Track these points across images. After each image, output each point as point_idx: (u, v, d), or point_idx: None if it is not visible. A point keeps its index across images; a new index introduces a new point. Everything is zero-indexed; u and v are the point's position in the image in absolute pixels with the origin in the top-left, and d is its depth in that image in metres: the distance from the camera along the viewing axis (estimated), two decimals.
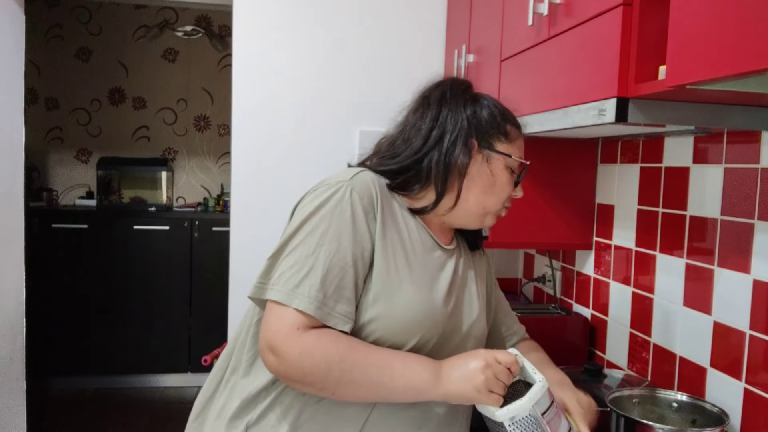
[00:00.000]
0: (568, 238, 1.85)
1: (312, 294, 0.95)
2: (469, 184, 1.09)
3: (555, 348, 1.79)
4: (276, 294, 0.96)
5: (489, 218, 1.14)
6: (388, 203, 1.06)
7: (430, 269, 1.08)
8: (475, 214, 1.12)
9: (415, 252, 1.06)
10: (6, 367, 2.60)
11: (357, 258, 0.99)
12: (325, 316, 0.95)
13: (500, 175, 1.10)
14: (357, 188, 1.02)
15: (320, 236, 0.98)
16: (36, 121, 4.19)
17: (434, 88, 1.14)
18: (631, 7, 1.06)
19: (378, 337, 0.99)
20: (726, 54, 0.79)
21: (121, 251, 3.82)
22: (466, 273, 1.17)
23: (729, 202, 1.30)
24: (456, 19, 2.20)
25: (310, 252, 0.98)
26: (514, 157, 1.11)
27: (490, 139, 1.10)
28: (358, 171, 1.07)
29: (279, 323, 0.95)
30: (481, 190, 1.10)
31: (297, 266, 0.97)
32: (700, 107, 1.10)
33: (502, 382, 0.94)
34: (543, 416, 0.92)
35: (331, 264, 0.97)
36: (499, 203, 1.12)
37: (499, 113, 1.12)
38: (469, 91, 1.14)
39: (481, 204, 1.10)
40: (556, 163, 1.81)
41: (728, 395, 1.27)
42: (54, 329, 3.75)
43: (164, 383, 3.94)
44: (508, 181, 1.11)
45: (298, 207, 1.07)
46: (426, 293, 1.03)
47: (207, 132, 4.47)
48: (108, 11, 4.29)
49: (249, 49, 2.26)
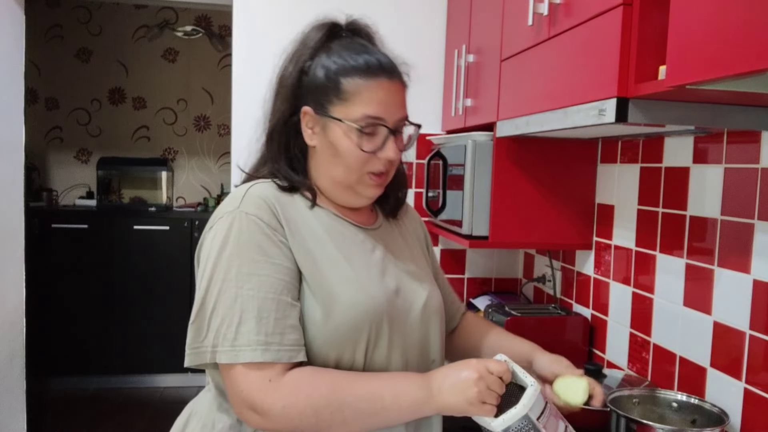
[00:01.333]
0: (568, 238, 1.84)
1: (252, 340, 0.89)
2: (316, 156, 1.01)
3: (555, 348, 1.78)
4: (220, 356, 0.90)
5: (361, 189, 1.02)
6: (289, 208, 0.99)
7: (358, 258, 1.00)
8: (338, 189, 1.02)
9: (338, 247, 0.99)
10: (6, 367, 2.60)
11: (284, 282, 0.93)
12: (276, 355, 0.89)
13: (340, 142, 0.98)
14: (251, 210, 0.95)
15: (236, 277, 0.91)
16: (36, 121, 4.19)
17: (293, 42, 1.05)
18: (631, 7, 1.06)
19: (328, 348, 0.94)
20: (726, 54, 0.79)
21: (121, 251, 3.82)
22: (400, 247, 1.11)
23: (729, 202, 1.30)
24: (456, 19, 2.20)
25: (233, 299, 0.90)
26: (348, 120, 0.97)
27: (325, 103, 0.99)
28: (245, 189, 0.99)
29: (247, 383, 0.89)
30: (328, 161, 1.01)
31: (228, 319, 0.90)
32: (700, 107, 1.10)
33: (494, 392, 0.91)
34: (538, 420, 0.92)
35: (260, 301, 0.90)
36: (353, 173, 1.00)
37: (335, 68, 0.98)
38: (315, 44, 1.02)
39: (333, 177, 1.01)
40: (556, 163, 1.81)
41: (728, 395, 1.27)
42: (54, 329, 3.75)
43: (164, 383, 3.94)
44: (353, 147, 0.98)
45: (201, 254, 0.99)
46: (359, 288, 0.97)
47: (207, 132, 4.47)
48: (108, 11, 4.29)
49: (249, 49, 2.26)
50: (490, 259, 2.40)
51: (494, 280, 2.41)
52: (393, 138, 1.00)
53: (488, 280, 2.40)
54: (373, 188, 1.03)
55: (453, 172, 1.91)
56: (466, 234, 1.82)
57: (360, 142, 0.98)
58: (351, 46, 1.02)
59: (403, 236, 1.15)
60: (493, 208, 1.79)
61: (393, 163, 1.03)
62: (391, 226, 1.14)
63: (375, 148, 0.99)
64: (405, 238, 1.15)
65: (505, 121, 1.64)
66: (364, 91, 0.97)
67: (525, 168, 1.80)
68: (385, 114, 0.98)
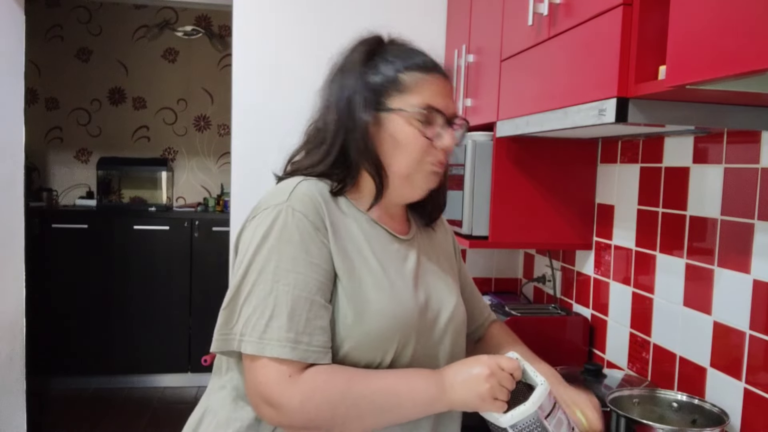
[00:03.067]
0: (568, 238, 1.84)
1: (282, 336, 0.89)
2: (380, 152, 1.01)
3: (555, 348, 1.79)
4: (246, 345, 0.90)
5: (418, 179, 1.03)
6: (334, 210, 0.99)
7: (392, 267, 1.01)
8: (397, 182, 1.02)
9: (375, 254, 1.00)
10: (6, 367, 2.60)
11: (320, 283, 0.93)
12: (303, 354, 0.89)
13: (401, 132, 1.00)
14: (298, 206, 0.95)
15: (274, 271, 0.91)
16: (36, 121, 4.18)
17: (340, 58, 1.06)
18: (631, 7, 1.06)
19: (356, 355, 0.94)
20: (726, 54, 0.79)
21: (121, 251, 3.82)
22: (431, 259, 1.11)
23: (729, 202, 1.30)
24: (456, 19, 2.20)
25: (267, 291, 0.91)
26: (408, 108, 0.99)
27: (382, 99, 1.00)
28: (294, 184, 0.98)
29: (267, 376, 0.89)
30: (389, 154, 1.01)
31: (259, 310, 0.90)
32: (700, 107, 1.10)
33: (505, 388, 0.92)
34: (546, 419, 0.92)
35: (294, 298, 0.90)
36: (413, 162, 1.01)
37: (391, 66, 1.01)
38: (366, 53, 1.03)
39: (394, 170, 1.01)
40: (556, 163, 1.81)
41: (728, 395, 1.27)
42: (54, 329, 3.75)
43: (164, 383, 3.93)
44: (415, 136, 1.00)
45: (241, 241, 1.00)
46: (392, 296, 0.97)
47: (207, 132, 4.47)
48: (108, 11, 4.29)
49: (249, 49, 2.26)
50: (490, 259, 2.40)
51: (494, 280, 2.41)
52: (451, 131, 1.03)
53: (488, 280, 2.40)
54: (432, 177, 1.04)
55: (453, 172, 1.91)
56: (466, 234, 1.82)
57: (422, 128, 1.00)
58: (405, 48, 1.06)
59: (434, 248, 1.14)
60: (493, 208, 1.79)
61: (447, 155, 1.05)
62: (423, 237, 1.13)
63: (433, 137, 1.01)
64: (436, 250, 1.15)
65: (505, 121, 1.64)
66: (423, 83, 1.01)
67: (525, 168, 1.80)
68: (442, 106, 1.01)
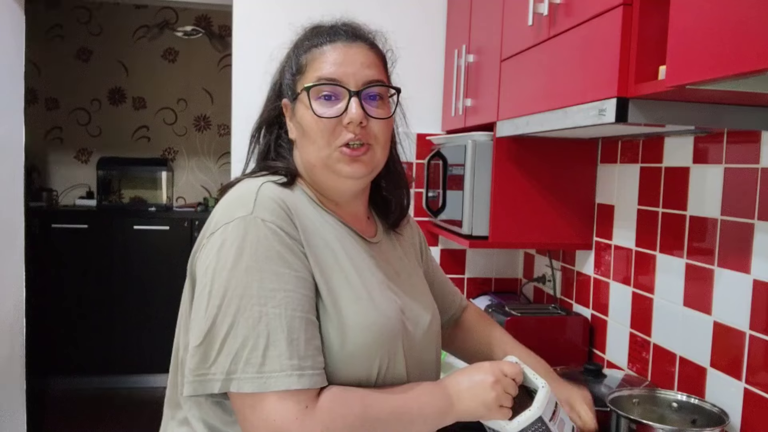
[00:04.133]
0: (568, 238, 1.84)
1: (285, 365, 0.79)
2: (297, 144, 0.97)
3: (555, 348, 1.79)
4: (243, 384, 0.79)
5: (338, 167, 0.92)
6: (302, 212, 0.91)
7: (367, 273, 0.94)
8: (318, 172, 0.94)
9: (350, 259, 0.93)
10: (6, 367, 2.59)
11: (309, 298, 0.85)
12: (311, 381, 0.81)
13: (302, 117, 0.93)
14: (267, 216, 0.85)
15: (258, 294, 0.81)
16: (36, 121, 4.18)
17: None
18: (631, 7, 1.06)
19: (342, 373, 0.87)
20: (726, 54, 0.79)
21: (121, 251, 3.82)
22: (401, 261, 1.06)
23: (729, 202, 1.30)
24: (456, 19, 2.20)
25: (256, 318, 0.80)
26: (300, 89, 0.93)
27: (293, 87, 0.96)
28: (255, 190, 0.88)
29: (282, 412, 0.79)
30: (300, 145, 0.95)
31: (251, 342, 0.79)
32: (700, 107, 1.10)
33: (510, 395, 0.91)
34: (551, 421, 0.92)
35: (288, 320, 0.81)
36: (321, 148, 0.91)
37: (293, 52, 0.98)
38: (295, 39, 1.01)
39: (307, 160, 0.94)
40: (556, 163, 1.81)
41: (728, 395, 1.27)
42: (54, 329, 3.75)
43: (163, 383, 3.90)
44: (312, 118, 0.91)
45: (200, 264, 0.87)
46: (373, 307, 0.91)
47: (207, 132, 4.47)
48: (108, 11, 4.29)
49: (249, 49, 2.26)
50: (490, 259, 2.40)
51: (494, 280, 2.41)
52: (357, 100, 0.90)
53: (488, 280, 2.40)
54: (348, 164, 0.91)
55: (453, 172, 1.91)
56: (466, 234, 1.82)
57: (316, 107, 0.90)
58: (321, 29, 0.98)
59: (402, 248, 1.10)
60: (493, 208, 1.79)
61: (368, 131, 0.91)
62: (389, 238, 1.08)
63: (336, 113, 0.90)
64: (404, 249, 1.11)
65: (505, 121, 1.64)
66: (317, 57, 0.93)
67: (525, 168, 1.80)
68: (341, 75, 0.90)
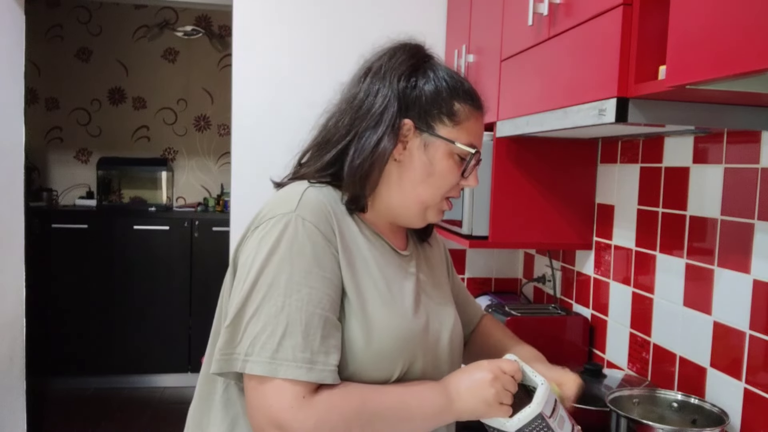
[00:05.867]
0: (568, 238, 1.84)
1: (297, 356, 0.83)
2: (401, 172, 0.96)
3: (555, 348, 1.79)
4: (254, 366, 0.83)
5: (431, 213, 1.00)
6: (342, 220, 0.94)
7: (396, 284, 0.97)
8: (414, 209, 0.98)
9: (380, 269, 0.96)
10: (6, 367, 2.60)
11: (332, 299, 0.88)
12: (319, 376, 0.84)
13: (440, 163, 0.96)
14: (308, 216, 0.89)
15: (285, 285, 0.85)
16: (36, 121, 4.19)
17: (376, 58, 0.99)
18: (631, 7, 1.06)
19: (362, 375, 0.90)
20: (726, 54, 0.79)
21: (121, 251, 3.82)
22: (429, 275, 1.08)
23: (729, 202, 1.30)
24: (456, 19, 2.20)
25: (279, 308, 0.84)
26: (459, 143, 0.95)
27: (430, 120, 0.95)
28: (301, 191, 0.92)
29: (279, 398, 0.82)
30: (419, 179, 0.96)
31: (269, 328, 0.83)
32: (700, 107, 1.10)
33: (509, 392, 0.92)
34: (550, 418, 0.92)
35: (307, 314, 0.84)
36: (438, 195, 0.98)
37: (447, 88, 0.96)
38: (412, 60, 0.97)
39: (418, 196, 0.97)
40: (556, 163, 1.81)
41: (728, 395, 1.27)
42: (54, 329, 3.75)
43: (164, 383, 3.93)
44: (451, 170, 0.96)
45: (243, 253, 0.92)
46: (398, 314, 0.94)
47: (207, 132, 4.47)
48: (108, 11, 4.29)
49: (249, 49, 2.26)
50: (490, 259, 2.40)
51: (494, 280, 2.41)
52: (476, 169, 1.01)
53: (488, 280, 2.40)
54: (441, 213, 1.02)
55: None
56: (466, 234, 1.82)
57: (461, 168, 0.98)
58: (450, 69, 1.00)
59: (429, 262, 1.12)
60: (493, 208, 1.79)
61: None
62: (419, 251, 1.10)
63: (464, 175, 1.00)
64: (431, 264, 1.12)
65: (505, 121, 1.64)
66: (472, 120, 0.98)
67: (525, 168, 1.80)
68: (479, 147, 1.00)
